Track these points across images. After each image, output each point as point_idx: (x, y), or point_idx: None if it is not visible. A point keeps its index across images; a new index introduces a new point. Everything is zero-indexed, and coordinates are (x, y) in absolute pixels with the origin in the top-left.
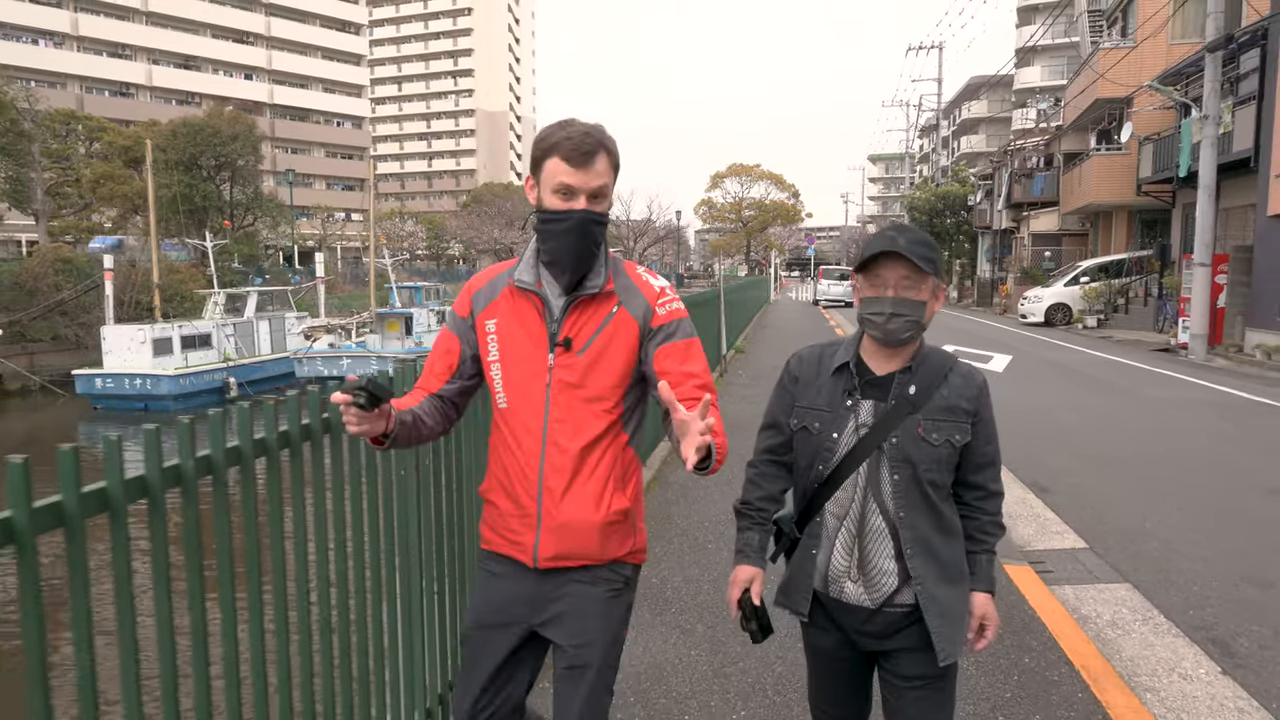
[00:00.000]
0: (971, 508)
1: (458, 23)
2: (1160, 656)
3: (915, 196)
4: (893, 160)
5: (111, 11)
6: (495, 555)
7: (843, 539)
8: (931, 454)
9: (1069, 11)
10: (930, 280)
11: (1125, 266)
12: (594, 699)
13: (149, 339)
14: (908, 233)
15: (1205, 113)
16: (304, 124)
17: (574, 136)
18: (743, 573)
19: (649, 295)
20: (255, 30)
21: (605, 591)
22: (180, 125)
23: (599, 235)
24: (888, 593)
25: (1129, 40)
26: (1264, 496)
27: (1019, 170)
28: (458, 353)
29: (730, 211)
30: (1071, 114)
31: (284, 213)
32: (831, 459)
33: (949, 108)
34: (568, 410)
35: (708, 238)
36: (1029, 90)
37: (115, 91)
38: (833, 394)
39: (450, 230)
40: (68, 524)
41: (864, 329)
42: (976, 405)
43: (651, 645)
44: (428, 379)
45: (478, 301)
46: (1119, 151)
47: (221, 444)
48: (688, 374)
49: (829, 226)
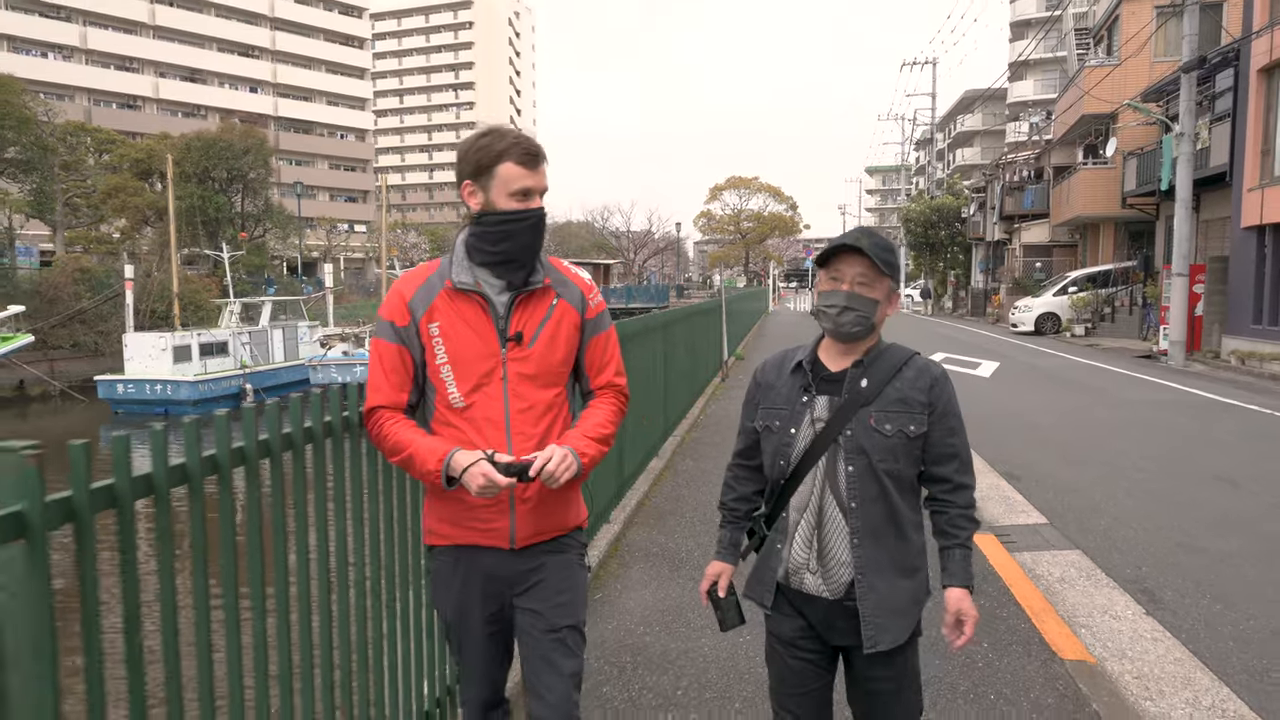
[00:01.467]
0: (939, 501)
1: (459, 35)
2: (1096, 603)
3: (910, 209)
4: (889, 172)
5: (120, 25)
6: (451, 549)
7: (802, 531)
8: (884, 444)
9: (1059, 28)
10: (886, 282)
11: (1111, 277)
12: (572, 658)
13: (170, 346)
14: (872, 235)
15: (1181, 130)
16: (308, 136)
17: (523, 141)
18: (712, 568)
19: (582, 287)
20: (261, 44)
21: (574, 558)
22: (194, 139)
23: (543, 232)
24: (845, 583)
25: (1114, 58)
26: (1209, 482)
27: (1010, 183)
28: (411, 362)
29: (729, 223)
30: (1060, 129)
31: (293, 225)
32: (791, 454)
33: (944, 120)
34: (525, 399)
35: (706, 249)
36: (1022, 104)
37: (122, 104)
38: (790, 392)
39: (451, 241)
40: (119, 504)
41: (818, 321)
42: (930, 397)
43: (670, 593)
44: (395, 396)
45: (416, 308)
46: (1105, 165)
47: (255, 435)
48: (608, 363)
49: (827, 238)
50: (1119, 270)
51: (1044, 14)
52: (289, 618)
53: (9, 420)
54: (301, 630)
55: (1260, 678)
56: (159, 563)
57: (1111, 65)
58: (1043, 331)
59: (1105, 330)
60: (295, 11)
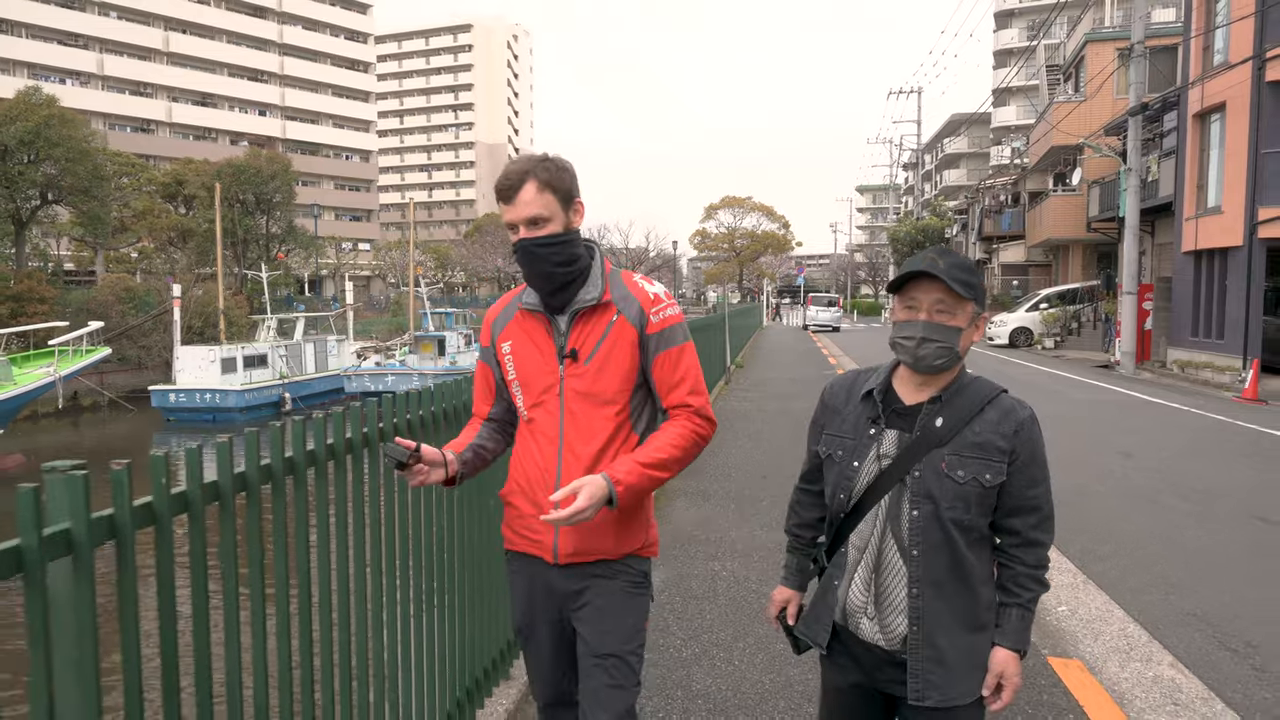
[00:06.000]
0: (1006, 554)
1: (458, 58)
2: None
3: (897, 230)
4: (880, 191)
5: (135, 52)
6: (517, 554)
7: (861, 573)
8: (956, 491)
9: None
10: (969, 306)
11: (1078, 294)
12: (617, 688)
13: (218, 359)
14: (949, 256)
15: (1130, 166)
16: (314, 157)
17: (500, 179)
18: (779, 594)
19: (644, 302)
20: (269, 69)
21: (624, 585)
22: (225, 165)
23: (552, 256)
24: (902, 634)
25: (1080, 94)
26: (1110, 454)
27: (989, 206)
28: (493, 378)
29: (724, 241)
30: (1034, 157)
31: (315, 244)
32: (852, 488)
33: (932, 142)
34: (581, 416)
35: (701, 266)
36: (1005, 129)
37: (136, 127)
38: (857, 422)
39: (454, 259)
40: (190, 509)
41: (895, 353)
42: (1014, 444)
43: (703, 512)
44: (478, 406)
45: (495, 329)
46: (1073, 193)
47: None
48: (680, 381)
49: (819, 255)
50: (1085, 288)
51: (1024, 44)
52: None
53: (66, 429)
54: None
55: (1089, 562)
56: (247, 554)
57: (1077, 101)
58: (1016, 345)
59: (1072, 343)
60: (302, 38)
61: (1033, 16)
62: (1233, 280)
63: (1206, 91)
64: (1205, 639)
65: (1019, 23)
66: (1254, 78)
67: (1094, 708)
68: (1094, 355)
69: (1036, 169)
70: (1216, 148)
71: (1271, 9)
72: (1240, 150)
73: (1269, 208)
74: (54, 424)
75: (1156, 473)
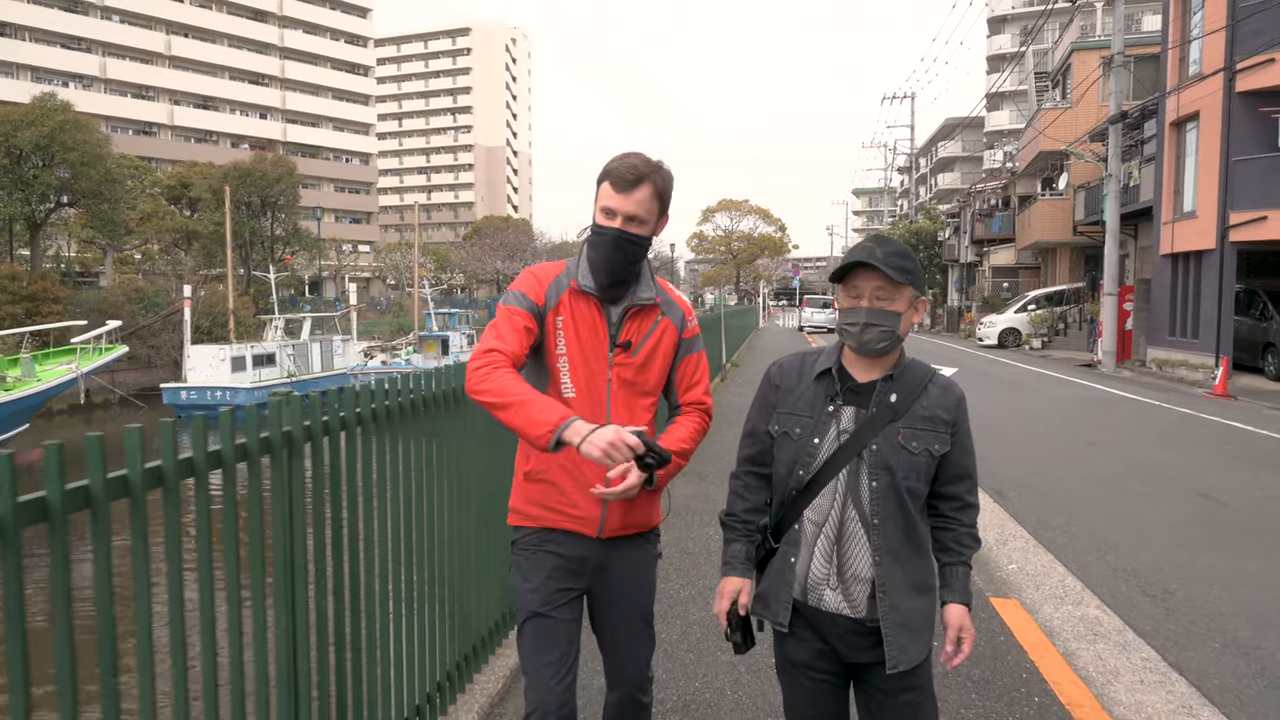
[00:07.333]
0: (948, 519)
1: (457, 61)
2: (988, 520)
3: (891, 233)
4: (875, 194)
5: (137, 56)
6: (549, 531)
7: (822, 546)
8: (910, 462)
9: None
10: (907, 291)
11: (1065, 296)
12: (647, 639)
13: (228, 357)
14: (886, 244)
15: (1110, 173)
16: (314, 160)
17: (621, 168)
18: (729, 584)
19: (684, 309)
20: (270, 72)
21: (651, 554)
22: (232, 169)
23: (633, 254)
24: (864, 600)
25: (1066, 101)
26: (1078, 444)
27: (981, 210)
28: (535, 333)
29: (720, 244)
30: (1023, 162)
31: (319, 246)
32: (812, 464)
33: (927, 146)
34: (623, 404)
35: (698, 268)
36: (998, 133)
37: (139, 130)
38: (814, 400)
39: (454, 261)
40: (197, 473)
41: (842, 339)
42: (955, 416)
43: (699, 490)
44: (517, 349)
45: (550, 297)
46: (1059, 197)
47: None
48: (697, 381)
49: (815, 257)
50: (1071, 290)
51: (1016, 50)
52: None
53: (79, 425)
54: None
55: (1043, 530)
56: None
57: (1064, 108)
58: (1005, 345)
59: (1059, 344)
60: (303, 41)
61: (1025, 22)
62: (1206, 282)
63: (1182, 101)
64: (1131, 588)
65: (1011, 28)
66: (1225, 89)
67: (1024, 635)
68: (1079, 355)
69: (1026, 173)
70: (1191, 155)
71: (1241, 23)
72: (1213, 158)
73: (1239, 213)
74: (68, 420)
75: (1122, 459)
